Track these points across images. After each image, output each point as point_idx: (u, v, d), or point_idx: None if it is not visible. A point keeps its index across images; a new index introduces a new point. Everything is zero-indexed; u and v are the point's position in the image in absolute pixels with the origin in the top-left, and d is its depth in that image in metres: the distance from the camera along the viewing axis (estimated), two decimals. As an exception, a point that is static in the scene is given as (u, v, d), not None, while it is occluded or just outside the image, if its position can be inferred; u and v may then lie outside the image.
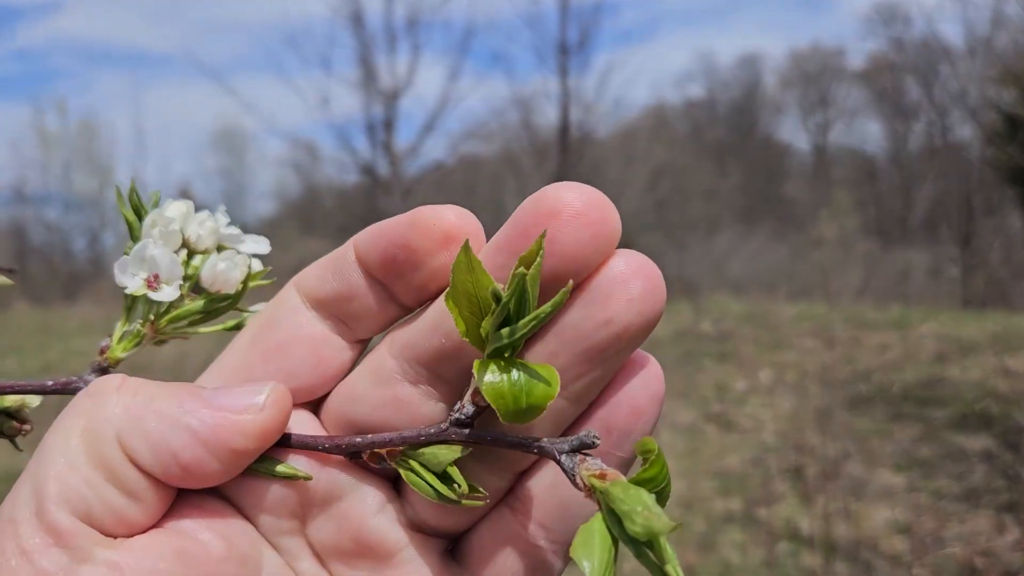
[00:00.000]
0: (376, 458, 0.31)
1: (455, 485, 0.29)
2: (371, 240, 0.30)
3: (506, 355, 0.28)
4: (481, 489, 0.30)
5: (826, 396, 4.31)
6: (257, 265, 0.38)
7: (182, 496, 0.30)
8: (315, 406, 0.32)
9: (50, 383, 0.34)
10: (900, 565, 2.70)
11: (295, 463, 0.31)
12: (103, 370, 0.34)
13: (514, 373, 0.28)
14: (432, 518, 0.32)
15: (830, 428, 3.78)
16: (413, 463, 0.30)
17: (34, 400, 0.36)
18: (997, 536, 2.82)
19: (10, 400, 0.35)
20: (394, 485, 0.32)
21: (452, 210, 0.29)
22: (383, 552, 0.31)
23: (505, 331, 0.28)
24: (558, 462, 0.28)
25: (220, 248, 0.37)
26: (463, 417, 0.29)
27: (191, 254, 0.36)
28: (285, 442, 0.31)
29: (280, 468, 0.30)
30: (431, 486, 0.29)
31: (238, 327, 0.37)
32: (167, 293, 0.34)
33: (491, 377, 0.28)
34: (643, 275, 0.29)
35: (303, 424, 0.32)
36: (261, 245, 0.38)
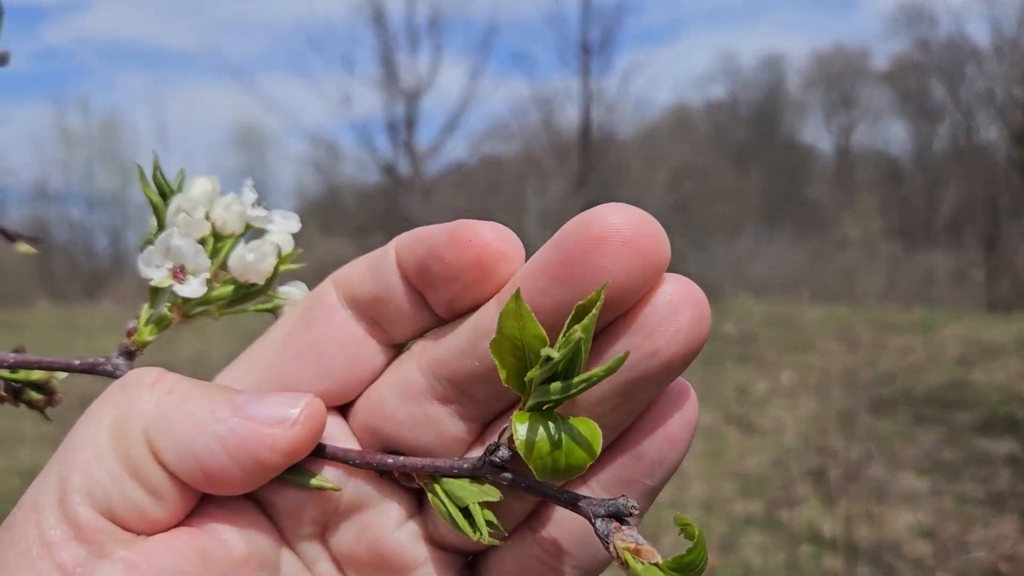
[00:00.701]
0: (406, 477, 0.30)
1: (474, 523, 0.29)
2: (410, 245, 0.29)
3: (546, 407, 0.27)
4: (500, 527, 0.29)
5: (849, 399, 4.29)
6: (288, 244, 0.36)
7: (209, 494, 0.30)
8: (343, 408, 0.32)
9: (76, 362, 0.33)
10: (923, 569, 2.67)
11: (322, 469, 0.30)
12: (130, 353, 0.34)
13: (555, 432, 0.27)
14: (452, 536, 0.31)
15: (853, 431, 3.76)
16: (439, 488, 0.29)
17: (60, 373, 0.35)
18: (1022, 541, 2.79)
19: (37, 374, 0.35)
20: (419, 498, 0.32)
21: (491, 228, 0.28)
22: (399, 566, 0.31)
23: (555, 386, 0.26)
24: (593, 524, 0.27)
25: (248, 227, 0.36)
26: (498, 460, 0.28)
27: (218, 238, 0.35)
28: (317, 452, 0.30)
29: (312, 481, 0.30)
30: (451, 515, 0.29)
31: (272, 311, 0.36)
32: (194, 287, 0.33)
33: (531, 435, 0.27)
34: (691, 303, 0.27)
35: (333, 428, 0.31)
36: (291, 222, 0.36)
